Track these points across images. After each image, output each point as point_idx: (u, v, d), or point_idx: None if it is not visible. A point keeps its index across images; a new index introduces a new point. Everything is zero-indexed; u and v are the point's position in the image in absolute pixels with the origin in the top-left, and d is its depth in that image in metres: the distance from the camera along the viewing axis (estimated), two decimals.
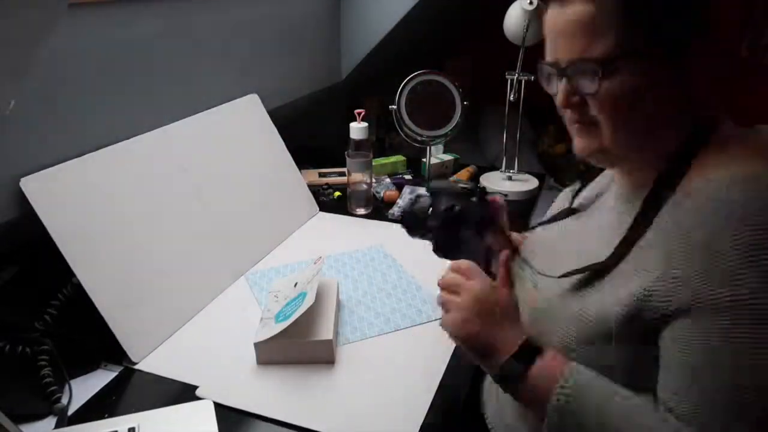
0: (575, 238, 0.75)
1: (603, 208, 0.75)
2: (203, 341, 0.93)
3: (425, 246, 0.84)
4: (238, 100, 1.31)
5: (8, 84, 0.67)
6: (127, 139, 1.02)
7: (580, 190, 0.85)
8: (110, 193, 0.95)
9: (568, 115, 0.68)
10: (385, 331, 0.95)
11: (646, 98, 0.61)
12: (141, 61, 1.05)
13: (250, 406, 0.79)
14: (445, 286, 0.73)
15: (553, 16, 0.64)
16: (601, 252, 0.65)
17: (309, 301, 0.86)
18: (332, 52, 1.75)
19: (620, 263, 0.63)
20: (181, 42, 1.14)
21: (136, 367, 0.87)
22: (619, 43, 0.59)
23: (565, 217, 0.81)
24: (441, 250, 0.83)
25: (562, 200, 0.88)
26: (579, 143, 0.68)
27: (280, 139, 1.37)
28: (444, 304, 0.72)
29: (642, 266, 0.60)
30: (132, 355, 0.87)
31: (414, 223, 0.84)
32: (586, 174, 0.84)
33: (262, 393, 0.82)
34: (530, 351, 0.66)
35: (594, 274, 0.65)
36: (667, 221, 0.60)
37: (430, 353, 0.89)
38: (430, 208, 0.83)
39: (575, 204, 0.82)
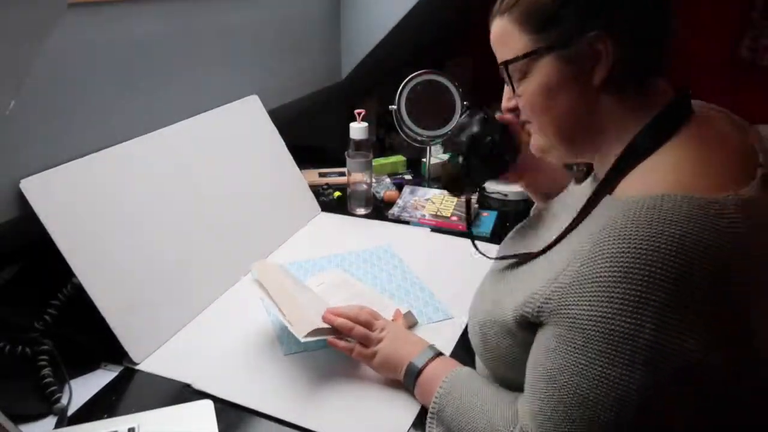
0: (544, 226, 0.79)
1: (570, 200, 0.78)
2: (205, 341, 0.93)
3: (430, 247, 0.86)
4: (238, 101, 1.31)
5: (8, 84, 0.67)
6: (128, 140, 1.02)
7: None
8: (111, 195, 0.95)
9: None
10: None
11: (563, 91, 0.66)
12: (141, 62, 1.05)
13: (252, 405, 0.79)
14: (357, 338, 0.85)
15: (490, 31, 0.73)
16: (539, 244, 0.71)
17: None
18: (332, 52, 1.75)
19: (539, 258, 0.68)
20: (182, 42, 1.14)
21: (137, 367, 0.87)
22: (527, 47, 0.67)
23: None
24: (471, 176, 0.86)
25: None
26: (531, 142, 0.74)
27: (282, 141, 1.37)
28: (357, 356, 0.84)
29: (547, 269, 0.63)
30: (134, 356, 0.87)
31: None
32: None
33: (264, 392, 0.82)
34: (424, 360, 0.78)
35: (519, 263, 0.72)
36: (587, 225, 0.62)
37: None
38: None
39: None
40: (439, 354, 0.81)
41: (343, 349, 0.85)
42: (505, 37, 0.69)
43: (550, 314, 0.59)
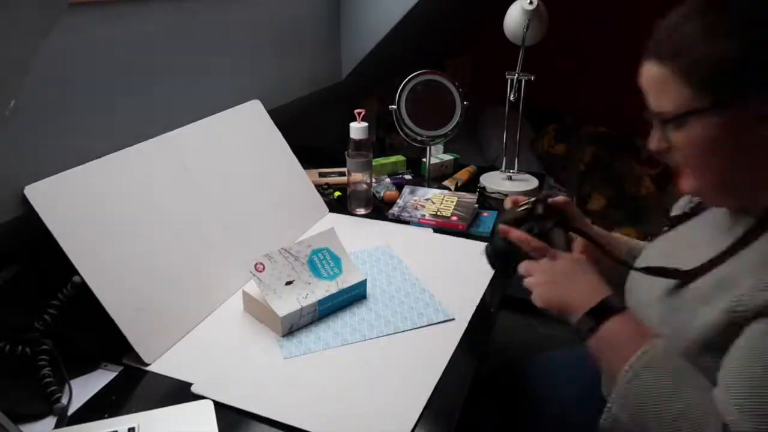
0: (682, 244, 0.82)
1: (705, 223, 0.81)
2: (208, 344, 0.93)
3: (430, 247, 0.87)
4: (240, 105, 1.31)
5: (8, 84, 0.67)
6: (131, 145, 1.02)
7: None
8: (117, 199, 0.95)
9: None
10: (385, 333, 0.94)
11: (726, 145, 0.66)
12: (142, 63, 1.05)
13: (251, 408, 0.79)
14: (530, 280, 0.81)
15: (642, 71, 0.71)
16: (692, 261, 0.73)
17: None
18: (332, 52, 1.75)
19: (706, 275, 0.71)
20: (182, 42, 1.14)
21: (137, 366, 0.87)
22: (687, 100, 0.66)
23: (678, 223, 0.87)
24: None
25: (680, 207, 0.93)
26: (679, 184, 0.74)
27: (286, 144, 1.37)
28: (527, 270, 0.81)
29: (732, 281, 0.66)
30: (144, 357, 0.87)
31: (502, 263, 0.90)
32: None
33: (264, 395, 0.82)
34: (605, 310, 0.72)
35: (682, 281, 0.74)
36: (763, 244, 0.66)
37: (428, 355, 0.89)
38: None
39: (687, 209, 0.88)
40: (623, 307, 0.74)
41: (518, 238, 0.83)
42: (665, 85, 0.68)
43: (757, 314, 0.62)
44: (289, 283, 0.96)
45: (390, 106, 1.49)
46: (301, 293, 0.95)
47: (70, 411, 0.79)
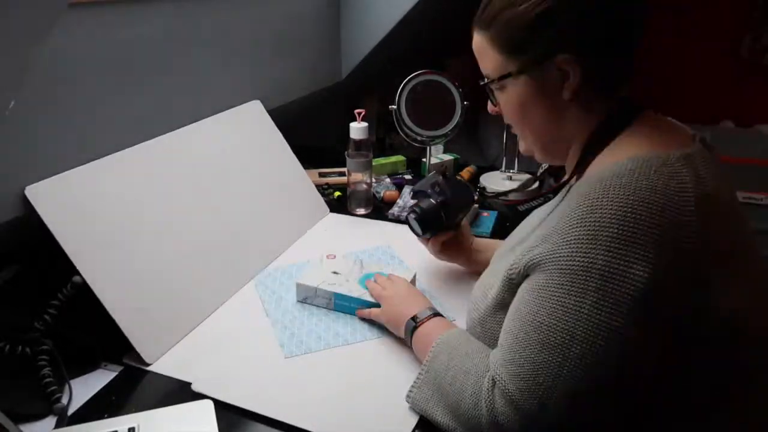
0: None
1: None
2: (210, 344, 0.93)
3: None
4: (240, 106, 1.31)
5: (8, 84, 0.67)
6: (132, 146, 1.02)
7: None
8: (118, 199, 0.95)
9: None
10: (386, 333, 0.94)
11: (536, 106, 0.73)
12: (142, 63, 1.05)
13: (252, 407, 0.79)
14: (375, 289, 0.98)
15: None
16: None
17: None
18: (332, 52, 1.75)
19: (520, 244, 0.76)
20: (182, 42, 1.14)
21: (137, 366, 0.87)
22: (500, 66, 0.72)
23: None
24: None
25: None
26: (519, 143, 0.82)
27: (286, 144, 1.37)
28: (378, 298, 0.96)
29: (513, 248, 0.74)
30: (146, 357, 0.87)
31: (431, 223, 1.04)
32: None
33: (264, 395, 0.82)
34: (423, 316, 0.86)
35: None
36: (562, 204, 0.72)
37: None
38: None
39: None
40: (437, 314, 0.87)
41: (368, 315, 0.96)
42: (482, 52, 0.75)
43: (528, 268, 0.67)
44: (335, 273, 1.04)
45: (390, 106, 1.49)
46: (330, 281, 1.01)
47: (70, 411, 0.79)
